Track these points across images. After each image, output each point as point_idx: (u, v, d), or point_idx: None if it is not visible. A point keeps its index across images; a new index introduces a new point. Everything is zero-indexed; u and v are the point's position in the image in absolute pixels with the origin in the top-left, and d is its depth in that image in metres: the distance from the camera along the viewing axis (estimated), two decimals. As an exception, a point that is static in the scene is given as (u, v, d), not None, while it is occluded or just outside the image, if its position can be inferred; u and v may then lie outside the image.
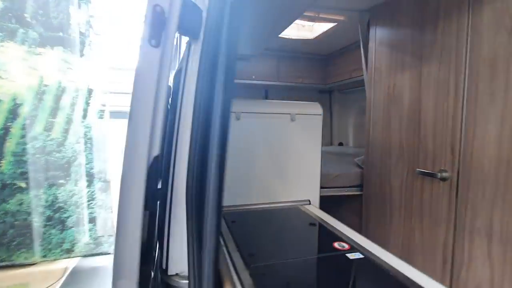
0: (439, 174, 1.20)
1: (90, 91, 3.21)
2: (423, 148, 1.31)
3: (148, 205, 0.68)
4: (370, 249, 0.71)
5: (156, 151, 0.68)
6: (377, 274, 0.60)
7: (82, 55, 3.09)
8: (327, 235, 0.80)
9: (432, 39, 1.26)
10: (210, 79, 0.64)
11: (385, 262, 0.65)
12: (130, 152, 0.65)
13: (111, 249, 3.22)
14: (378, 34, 1.58)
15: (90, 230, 3.27)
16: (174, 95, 0.88)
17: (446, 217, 1.20)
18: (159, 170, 0.70)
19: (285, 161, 1.06)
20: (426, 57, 1.29)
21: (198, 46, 0.70)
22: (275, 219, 0.97)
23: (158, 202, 0.77)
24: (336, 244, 0.73)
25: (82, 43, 3.08)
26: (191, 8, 0.71)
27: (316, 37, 2.04)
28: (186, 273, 0.70)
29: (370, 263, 0.64)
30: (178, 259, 0.71)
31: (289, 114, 1.04)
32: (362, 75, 1.82)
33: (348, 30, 1.90)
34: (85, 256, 3.14)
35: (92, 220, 3.31)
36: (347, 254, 0.68)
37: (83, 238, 3.17)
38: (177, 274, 0.69)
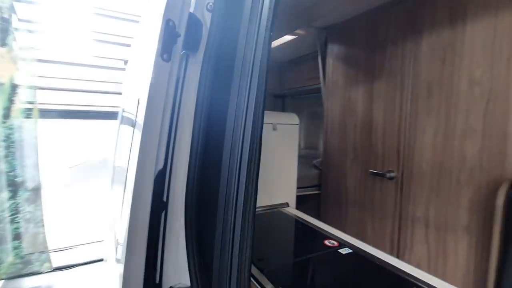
0: (387, 174, 1.44)
1: (13, 87, 2.74)
2: (374, 152, 1.54)
3: (154, 218, 0.68)
4: (356, 244, 0.84)
5: (161, 164, 0.69)
6: (367, 265, 0.73)
7: (3, 45, 2.62)
8: (316, 234, 0.91)
9: (381, 62, 1.49)
10: (226, 88, 0.67)
11: (370, 254, 0.78)
12: (141, 165, 0.65)
13: (44, 267, 2.82)
14: (335, 51, 1.79)
15: (15, 248, 2.81)
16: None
17: (393, 210, 1.44)
18: (163, 183, 0.71)
19: (267, 168, 1.14)
20: (377, 76, 1.52)
21: (197, 58, 0.73)
22: (262, 222, 1.04)
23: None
24: (327, 242, 0.84)
25: (4, 31, 2.60)
26: (195, 23, 0.73)
27: (275, 46, 2.16)
28: (180, 285, 0.71)
29: (359, 256, 0.76)
30: (172, 272, 0.72)
31: (272, 123, 1.13)
32: (316, 84, 2.02)
33: (306, 43, 2.07)
34: (10, 278, 2.68)
35: (17, 236, 2.84)
36: (339, 250, 0.79)
37: (7, 258, 2.70)
38: (171, 287, 0.70)
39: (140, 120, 0.75)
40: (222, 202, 0.62)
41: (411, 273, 0.64)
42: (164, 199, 0.71)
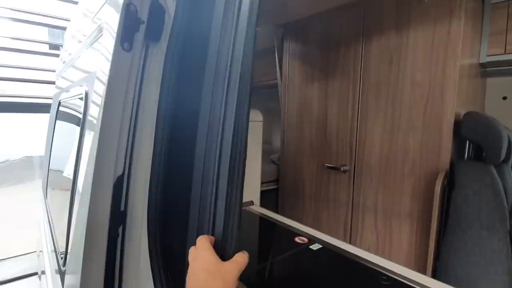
0: (341, 167, 1.54)
1: None
2: (329, 147, 1.63)
3: (113, 229, 0.62)
4: (325, 239, 0.87)
5: (120, 170, 0.62)
6: (339, 259, 0.76)
7: None
8: (286, 232, 0.92)
9: (335, 61, 1.57)
10: (193, 84, 0.63)
11: (340, 248, 0.82)
12: (98, 171, 0.58)
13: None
14: (292, 48, 1.82)
15: None
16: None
17: (346, 200, 1.55)
18: (121, 190, 0.64)
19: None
20: (331, 74, 1.60)
21: (159, 48, 0.67)
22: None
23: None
24: (297, 239, 0.86)
25: None
26: (158, 8, 0.66)
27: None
28: None
29: (330, 251, 0.80)
30: (133, 282, 0.67)
31: (235, 120, 1.09)
32: (272, 79, 2.04)
33: (262, 39, 2.07)
34: None
35: None
36: (310, 247, 0.81)
37: None
38: None
39: (92, 117, 0.66)
40: (195, 213, 0.58)
41: (380, 264, 0.69)
42: (122, 208, 0.64)
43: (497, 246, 0.94)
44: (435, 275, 1.12)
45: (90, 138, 0.62)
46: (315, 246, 0.80)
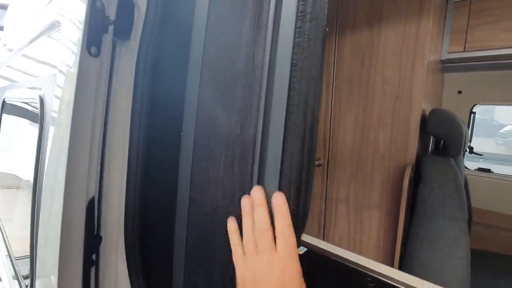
0: (316, 162, 1.57)
1: None
2: (303, 141, 1.64)
3: (88, 256, 0.56)
4: (309, 241, 0.88)
5: (92, 190, 0.56)
6: (325, 261, 0.77)
7: None
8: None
9: (309, 54, 1.56)
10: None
11: (325, 250, 0.83)
12: (69, 192, 0.51)
13: None
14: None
15: None
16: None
17: (320, 193, 1.59)
18: (93, 213, 0.58)
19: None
20: (304, 68, 1.59)
21: (129, 48, 0.60)
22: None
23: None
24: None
25: None
26: (127, 3, 0.59)
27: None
28: None
29: (316, 253, 0.80)
30: None
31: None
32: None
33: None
34: None
35: None
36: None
37: None
38: None
39: (55, 130, 0.57)
40: (181, 236, 0.53)
41: (365, 265, 0.71)
42: (95, 231, 0.58)
43: (457, 233, 1.03)
44: (401, 262, 1.21)
45: (55, 155, 0.54)
46: (300, 250, 0.80)
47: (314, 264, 0.77)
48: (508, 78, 1.56)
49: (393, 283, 0.66)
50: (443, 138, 1.15)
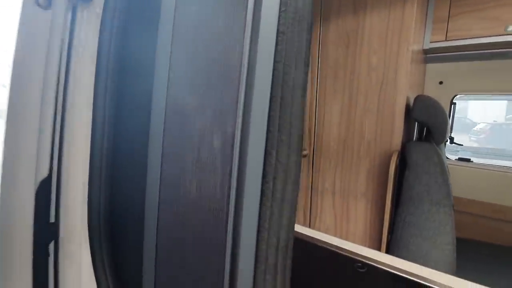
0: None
1: None
2: (288, 131, 1.61)
3: (40, 248, 0.49)
4: (296, 230, 0.84)
5: (44, 171, 0.49)
6: (312, 248, 0.74)
7: None
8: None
9: (294, 42, 1.53)
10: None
11: (311, 237, 0.79)
12: (10, 174, 0.44)
13: None
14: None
15: None
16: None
17: (306, 183, 1.56)
18: (48, 198, 0.51)
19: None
20: (289, 56, 1.55)
21: (92, 11, 0.53)
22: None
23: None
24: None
25: None
26: None
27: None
28: None
29: (302, 242, 0.77)
30: None
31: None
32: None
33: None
34: None
35: None
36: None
37: None
38: None
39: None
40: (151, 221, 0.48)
41: (354, 251, 0.68)
42: (52, 220, 0.50)
43: (443, 218, 1.03)
44: (388, 250, 1.20)
45: None
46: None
47: (302, 252, 0.73)
48: (488, 69, 1.59)
49: (384, 268, 0.63)
50: (427, 124, 1.15)
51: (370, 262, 0.68)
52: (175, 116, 0.44)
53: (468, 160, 1.79)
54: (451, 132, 1.80)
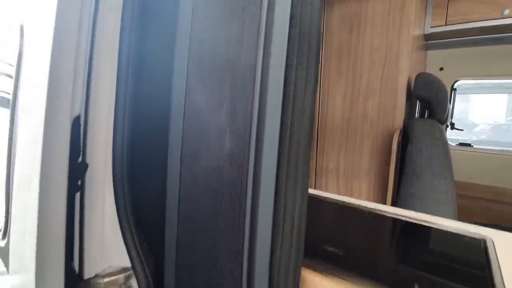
0: (305, 134, 1.58)
1: None
2: (293, 115, 1.65)
3: (72, 185, 0.53)
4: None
5: (77, 109, 0.53)
6: (321, 203, 0.77)
7: None
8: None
9: (298, 28, 1.58)
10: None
11: (319, 195, 0.83)
12: (53, 109, 0.48)
13: None
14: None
15: None
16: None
17: (310, 165, 1.60)
18: (79, 136, 0.55)
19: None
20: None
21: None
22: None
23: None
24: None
25: None
26: None
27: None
28: (111, 269, 0.59)
29: (317, 200, 0.80)
30: (97, 255, 0.58)
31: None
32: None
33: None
34: None
35: None
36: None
37: None
38: (96, 276, 0.57)
39: (35, 43, 0.54)
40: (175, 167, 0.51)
41: (362, 205, 0.72)
42: (81, 157, 0.54)
43: (444, 189, 1.07)
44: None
45: (35, 67, 0.50)
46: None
47: (310, 208, 0.77)
48: (487, 54, 1.64)
49: (386, 214, 0.67)
50: (429, 100, 1.19)
51: (380, 213, 0.72)
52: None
53: (468, 145, 1.83)
54: (451, 118, 1.84)
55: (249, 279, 0.37)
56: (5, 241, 0.61)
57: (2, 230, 0.61)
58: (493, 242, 0.57)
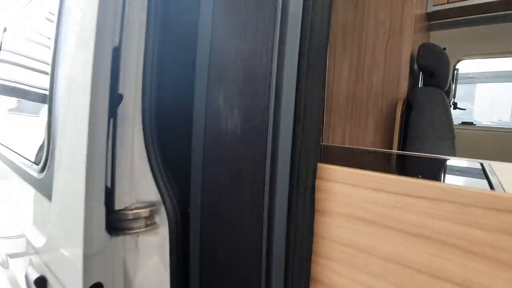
0: (311, 110, 1.63)
1: None
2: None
3: (111, 113, 0.58)
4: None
5: (116, 40, 0.58)
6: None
7: None
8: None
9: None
10: None
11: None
12: (100, 39, 0.53)
13: None
14: None
15: None
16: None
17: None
18: (119, 66, 0.60)
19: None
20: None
21: None
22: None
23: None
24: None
25: None
26: None
27: None
28: (138, 204, 0.63)
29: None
30: (126, 188, 0.63)
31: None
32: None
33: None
34: None
35: None
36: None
37: None
38: (125, 208, 0.61)
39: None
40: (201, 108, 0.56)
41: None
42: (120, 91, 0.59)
43: (446, 150, 1.11)
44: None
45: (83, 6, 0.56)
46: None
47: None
48: (490, 33, 1.68)
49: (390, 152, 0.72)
50: (431, 68, 1.23)
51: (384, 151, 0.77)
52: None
53: (471, 123, 1.87)
54: (454, 97, 1.88)
55: (270, 201, 0.42)
56: (43, 174, 0.67)
57: (42, 164, 0.67)
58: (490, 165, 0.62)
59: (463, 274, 0.29)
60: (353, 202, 0.38)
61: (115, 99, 0.56)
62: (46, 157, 0.65)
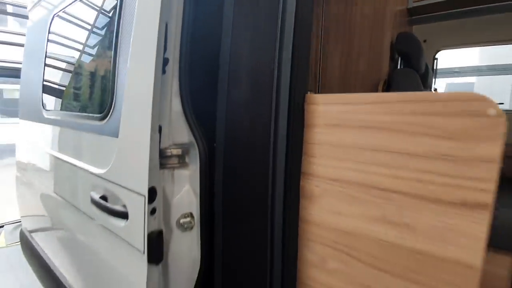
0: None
1: None
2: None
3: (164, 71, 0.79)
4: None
5: (166, 17, 0.81)
6: None
7: None
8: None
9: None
10: None
11: None
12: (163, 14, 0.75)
13: None
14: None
15: None
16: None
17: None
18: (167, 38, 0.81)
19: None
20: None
21: None
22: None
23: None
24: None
25: None
26: None
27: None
28: (173, 147, 0.84)
29: None
30: (167, 133, 0.83)
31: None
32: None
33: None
34: None
35: None
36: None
37: None
38: (166, 147, 0.77)
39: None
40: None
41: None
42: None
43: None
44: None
45: None
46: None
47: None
48: (466, 26, 1.92)
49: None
50: (407, 52, 1.47)
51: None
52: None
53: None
54: (434, 83, 2.12)
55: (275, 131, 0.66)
56: (106, 119, 0.90)
57: (105, 111, 0.91)
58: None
59: (393, 145, 0.53)
60: (328, 114, 0.62)
61: (164, 61, 0.80)
62: (109, 107, 0.89)
